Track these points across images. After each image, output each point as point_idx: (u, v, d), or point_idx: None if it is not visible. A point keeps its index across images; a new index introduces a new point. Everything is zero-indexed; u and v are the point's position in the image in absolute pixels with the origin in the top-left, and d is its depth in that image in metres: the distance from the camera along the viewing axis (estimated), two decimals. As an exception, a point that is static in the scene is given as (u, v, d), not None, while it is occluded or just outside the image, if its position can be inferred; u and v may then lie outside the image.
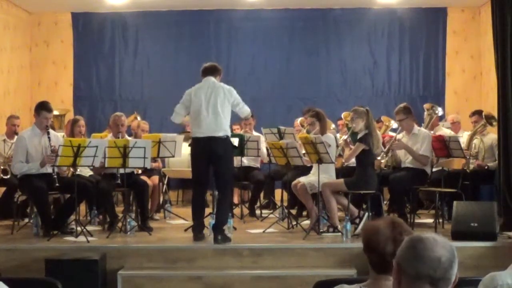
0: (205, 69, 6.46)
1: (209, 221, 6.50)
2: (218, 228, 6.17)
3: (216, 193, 6.63)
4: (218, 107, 6.21)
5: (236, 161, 8.28)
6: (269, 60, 10.46)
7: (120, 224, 6.75)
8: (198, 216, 6.30)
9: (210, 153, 6.19)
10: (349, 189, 6.60)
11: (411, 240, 2.06)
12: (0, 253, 5.91)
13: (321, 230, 6.57)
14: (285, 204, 7.68)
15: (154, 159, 7.67)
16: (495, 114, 7.02)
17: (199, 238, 6.20)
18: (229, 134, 6.36)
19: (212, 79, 6.37)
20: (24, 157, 6.53)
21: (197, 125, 6.26)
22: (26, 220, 7.29)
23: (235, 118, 9.05)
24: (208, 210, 7.00)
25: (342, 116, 8.56)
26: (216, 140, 6.17)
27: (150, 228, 6.84)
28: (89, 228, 6.70)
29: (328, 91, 10.45)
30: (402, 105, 7.30)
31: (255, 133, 8.53)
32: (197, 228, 6.26)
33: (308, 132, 7.37)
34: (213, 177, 6.40)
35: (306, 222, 7.11)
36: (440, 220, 7.04)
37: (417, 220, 7.28)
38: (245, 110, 6.50)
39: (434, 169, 7.28)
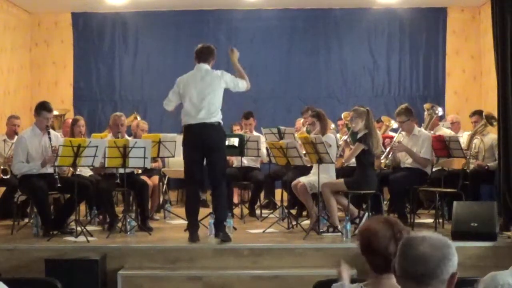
0: (198, 53, 6.35)
1: (209, 221, 6.49)
2: (218, 224, 6.18)
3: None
4: (210, 95, 6.14)
5: (236, 161, 8.32)
6: (269, 60, 10.45)
7: (120, 224, 6.75)
8: (192, 216, 6.26)
9: (202, 140, 6.11)
10: (349, 189, 6.60)
11: (403, 240, 2.12)
12: (0, 253, 5.91)
13: (321, 230, 6.57)
14: (285, 204, 7.68)
15: (154, 159, 7.67)
16: (495, 114, 7.01)
17: (194, 238, 6.15)
18: (221, 121, 6.24)
19: (204, 66, 6.29)
20: (25, 157, 6.53)
21: (188, 113, 6.19)
22: (26, 220, 7.29)
23: (236, 118, 9.11)
24: (208, 210, 7.00)
25: (342, 116, 8.56)
26: (209, 127, 6.11)
27: (150, 228, 6.84)
28: (89, 228, 6.70)
29: (328, 91, 10.44)
30: (403, 106, 7.27)
31: (255, 133, 8.53)
32: (192, 229, 6.21)
33: (308, 132, 7.37)
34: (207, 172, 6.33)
35: (306, 222, 7.12)
36: (440, 220, 7.04)
37: (417, 220, 7.29)
38: (241, 85, 6.35)
39: (434, 169, 7.28)
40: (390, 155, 7.27)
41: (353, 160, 6.80)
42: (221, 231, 6.15)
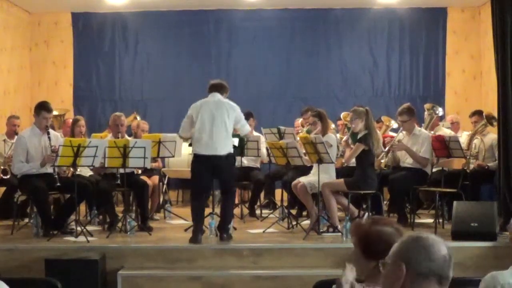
0: (212, 85, 6.44)
1: (209, 221, 6.50)
2: (224, 227, 6.21)
3: (217, 193, 6.66)
4: (222, 125, 6.22)
5: (236, 161, 8.31)
6: (269, 60, 10.45)
7: (120, 224, 6.75)
8: (198, 219, 6.26)
9: (213, 169, 6.24)
10: (349, 189, 6.60)
11: (416, 239, 2.04)
12: (0, 253, 5.91)
13: (321, 230, 6.57)
14: (285, 204, 7.68)
15: (154, 159, 7.67)
16: (495, 114, 7.02)
17: (196, 241, 6.13)
18: (232, 151, 6.40)
19: (218, 95, 6.36)
20: (24, 157, 6.54)
21: (199, 142, 6.24)
22: (26, 220, 7.29)
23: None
24: (207, 210, 7.00)
25: (342, 116, 8.55)
26: (220, 158, 6.20)
27: (150, 228, 6.84)
28: (89, 228, 6.70)
29: (328, 91, 10.43)
30: (405, 106, 7.27)
31: (255, 133, 8.52)
32: (196, 233, 6.18)
33: (309, 132, 7.37)
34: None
35: (306, 222, 7.11)
36: (440, 220, 7.03)
37: (417, 220, 7.28)
38: (245, 129, 6.57)
39: (434, 169, 7.28)
40: (389, 154, 7.27)
41: (353, 160, 6.80)
42: (226, 234, 6.21)
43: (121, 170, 6.73)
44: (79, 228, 6.31)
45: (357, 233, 2.54)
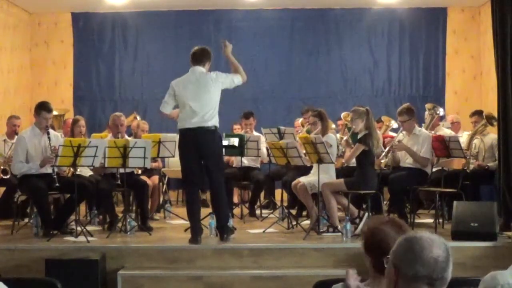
0: (194, 56, 6.24)
1: (209, 221, 6.49)
2: (222, 226, 6.18)
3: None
4: (206, 98, 6.08)
5: (236, 161, 8.33)
6: (269, 60, 10.46)
7: (120, 224, 6.75)
8: (195, 219, 6.18)
9: (199, 145, 6.06)
10: (349, 189, 6.60)
11: (407, 241, 2.06)
12: (0, 253, 5.91)
13: (321, 230, 6.57)
14: (285, 204, 7.68)
15: (154, 159, 7.67)
16: (495, 114, 7.02)
17: (196, 241, 6.08)
18: (218, 125, 6.18)
19: (199, 69, 6.19)
20: (24, 157, 6.53)
21: (185, 117, 6.13)
22: (26, 220, 7.29)
23: (236, 118, 9.10)
24: (208, 210, 7.00)
25: (342, 116, 8.55)
26: (205, 132, 6.05)
27: (150, 228, 6.84)
28: (89, 228, 6.70)
29: (328, 91, 10.45)
30: (405, 105, 7.27)
31: (255, 133, 8.52)
32: (195, 232, 6.14)
33: (308, 131, 7.37)
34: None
35: (306, 222, 7.12)
36: (440, 220, 7.04)
37: (417, 220, 7.29)
38: (237, 81, 6.28)
39: (434, 169, 7.28)
40: (389, 154, 7.28)
41: (353, 160, 6.80)
42: (226, 234, 6.18)
43: (121, 170, 6.74)
44: (79, 228, 6.31)
45: (364, 232, 2.56)
